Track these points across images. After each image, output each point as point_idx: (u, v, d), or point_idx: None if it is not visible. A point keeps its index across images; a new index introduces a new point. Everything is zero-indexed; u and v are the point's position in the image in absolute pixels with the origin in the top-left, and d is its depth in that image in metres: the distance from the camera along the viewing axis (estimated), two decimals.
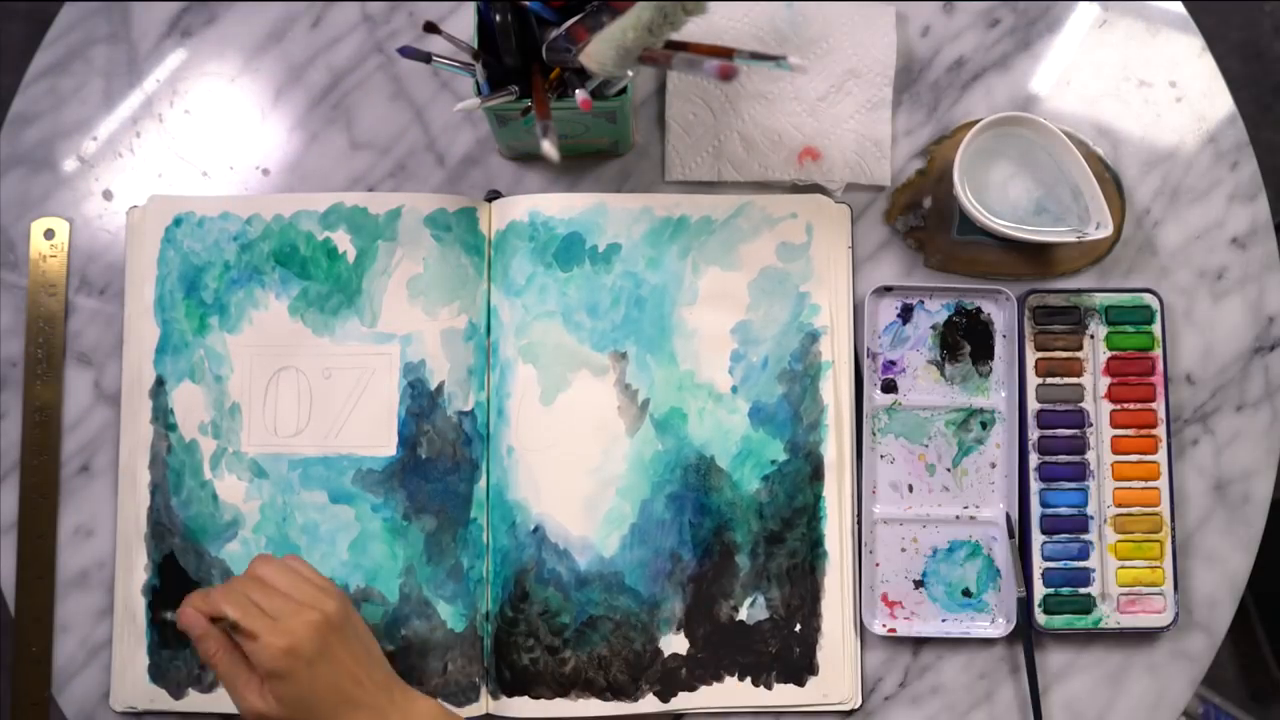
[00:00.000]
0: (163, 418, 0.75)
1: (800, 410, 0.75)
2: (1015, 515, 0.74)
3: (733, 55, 0.60)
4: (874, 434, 0.75)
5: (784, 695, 0.73)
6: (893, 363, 0.76)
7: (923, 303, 0.76)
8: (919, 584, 0.75)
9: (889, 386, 0.76)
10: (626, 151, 0.79)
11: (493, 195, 0.77)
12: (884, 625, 0.74)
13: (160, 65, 0.80)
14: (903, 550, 0.75)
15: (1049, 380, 0.75)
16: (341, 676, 0.61)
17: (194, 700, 0.73)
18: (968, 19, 0.80)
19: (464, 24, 0.76)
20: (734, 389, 0.75)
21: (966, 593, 0.74)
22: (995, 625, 0.74)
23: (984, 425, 0.75)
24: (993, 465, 0.75)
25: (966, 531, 0.75)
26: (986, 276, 0.78)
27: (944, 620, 0.74)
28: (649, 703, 0.73)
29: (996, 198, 0.76)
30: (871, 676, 0.75)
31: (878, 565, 0.75)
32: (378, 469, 0.74)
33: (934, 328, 0.76)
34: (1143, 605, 0.74)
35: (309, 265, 0.76)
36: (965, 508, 0.75)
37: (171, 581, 0.74)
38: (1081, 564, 0.74)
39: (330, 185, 0.79)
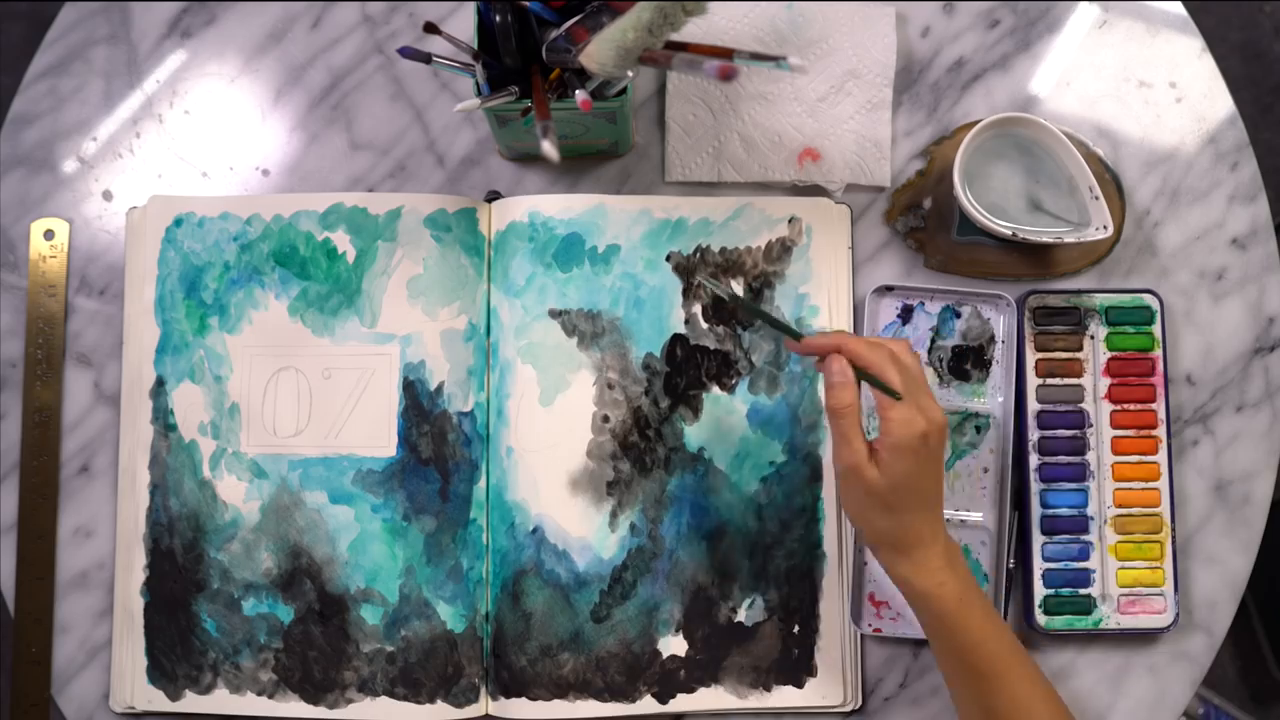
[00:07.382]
0: (162, 418, 0.75)
1: (799, 412, 0.75)
2: (1007, 518, 0.74)
3: (733, 56, 0.60)
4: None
5: (782, 697, 0.73)
6: None
7: (923, 304, 0.76)
8: None
9: None
10: (626, 152, 0.79)
11: (493, 196, 0.77)
12: (870, 625, 0.74)
13: (160, 66, 0.80)
14: None
15: (1049, 381, 0.75)
16: (939, 484, 0.63)
17: (192, 701, 0.73)
18: (968, 20, 0.80)
19: (464, 24, 0.76)
20: (733, 390, 0.75)
21: None
22: None
23: (978, 429, 0.75)
24: (985, 470, 0.75)
25: (955, 535, 0.75)
26: (987, 277, 0.77)
27: None
28: (647, 704, 0.73)
29: (996, 199, 0.76)
30: (872, 677, 0.75)
31: (866, 565, 0.75)
32: (378, 469, 0.74)
33: (933, 329, 0.76)
34: (1143, 606, 0.74)
35: (309, 265, 0.76)
36: (955, 511, 0.75)
37: (170, 582, 0.74)
38: (1082, 565, 0.74)
39: (330, 186, 0.79)
